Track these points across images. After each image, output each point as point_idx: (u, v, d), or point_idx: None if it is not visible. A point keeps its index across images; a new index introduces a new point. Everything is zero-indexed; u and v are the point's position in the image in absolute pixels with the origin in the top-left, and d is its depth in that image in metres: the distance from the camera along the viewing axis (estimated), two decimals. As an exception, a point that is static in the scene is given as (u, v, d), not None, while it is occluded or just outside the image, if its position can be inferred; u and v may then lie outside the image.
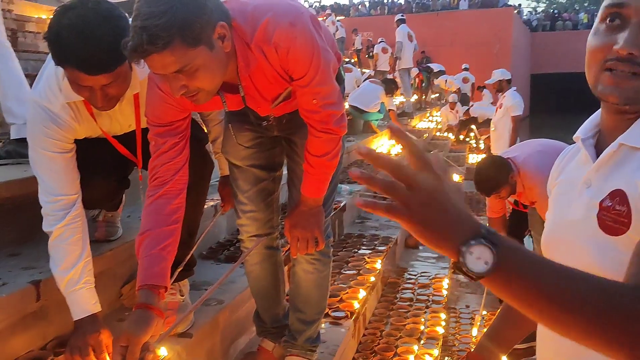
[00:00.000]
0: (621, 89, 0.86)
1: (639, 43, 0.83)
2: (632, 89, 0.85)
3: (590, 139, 0.99)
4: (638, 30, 0.83)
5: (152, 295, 1.43)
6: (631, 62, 0.84)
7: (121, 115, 1.65)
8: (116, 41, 1.27)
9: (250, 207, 1.72)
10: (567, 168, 1.07)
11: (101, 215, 1.93)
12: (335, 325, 2.24)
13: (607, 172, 0.92)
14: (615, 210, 0.88)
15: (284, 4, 1.37)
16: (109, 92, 1.42)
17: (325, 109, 1.47)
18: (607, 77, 0.87)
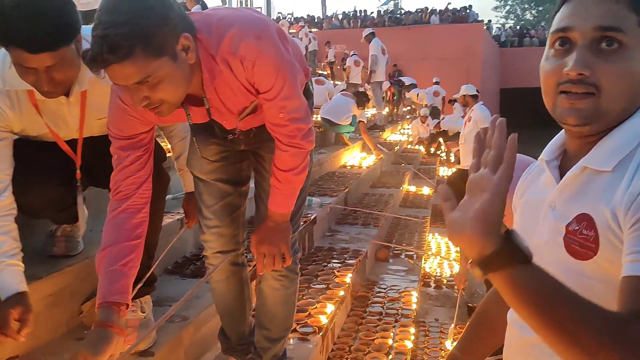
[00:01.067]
0: (578, 109, 0.87)
1: (587, 63, 0.84)
2: (588, 108, 0.86)
3: (554, 160, 0.99)
4: (584, 51, 0.85)
5: (112, 312, 1.38)
6: (583, 83, 0.85)
7: (69, 115, 1.62)
8: (60, 19, 1.28)
9: (215, 222, 1.69)
10: (531, 188, 1.07)
11: (60, 230, 1.86)
12: (303, 341, 2.21)
13: (572, 195, 0.92)
14: (582, 235, 0.88)
15: (249, 17, 1.35)
16: (54, 77, 1.40)
17: (293, 123, 1.45)
18: (562, 99, 0.88)
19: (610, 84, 0.84)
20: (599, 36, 0.84)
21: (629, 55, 0.84)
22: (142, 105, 1.24)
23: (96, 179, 1.80)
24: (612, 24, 0.83)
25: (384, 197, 5.37)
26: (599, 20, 0.84)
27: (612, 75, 0.84)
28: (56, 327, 1.76)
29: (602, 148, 0.89)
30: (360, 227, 4.21)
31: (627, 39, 0.83)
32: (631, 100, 0.87)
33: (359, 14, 27.11)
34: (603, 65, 0.84)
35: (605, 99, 0.85)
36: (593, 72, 0.84)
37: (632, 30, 0.84)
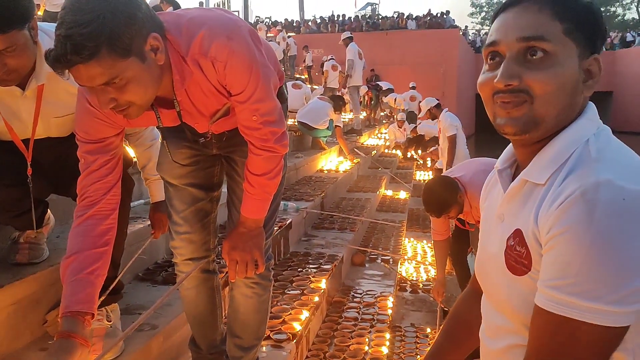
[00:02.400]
0: (514, 118, 0.87)
1: (514, 74, 0.85)
2: (523, 116, 0.87)
3: (507, 169, 0.99)
4: (511, 62, 0.86)
5: (77, 322, 1.32)
6: (512, 92, 0.86)
7: (23, 110, 1.57)
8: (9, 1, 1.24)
9: (185, 228, 1.64)
10: (490, 196, 1.07)
11: (23, 236, 1.79)
12: (277, 349, 2.17)
13: (515, 208, 0.91)
14: (517, 251, 0.88)
15: (221, 17, 1.32)
16: (6, 62, 1.36)
17: (266, 126, 1.42)
18: (499, 110, 0.89)
19: (541, 89, 0.84)
20: (524, 47, 0.85)
21: (556, 62, 0.84)
22: (110, 108, 1.19)
23: (59, 186, 1.73)
24: (534, 34, 0.84)
25: (361, 201, 5.36)
26: (521, 32, 0.85)
27: (541, 81, 0.84)
28: (19, 338, 1.69)
29: (538, 160, 0.89)
30: (336, 232, 4.19)
31: (552, 47, 0.84)
32: (566, 106, 0.87)
33: (337, 19, 27.19)
34: (531, 73, 0.85)
35: (538, 104, 0.85)
36: (521, 80, 0.85)
37: (557, 37, 0.85)
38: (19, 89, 1.53)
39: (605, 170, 0.78)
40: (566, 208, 0.77)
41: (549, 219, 0.79)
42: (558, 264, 0.77)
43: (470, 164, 3.12)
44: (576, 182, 0.78)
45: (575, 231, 0.75)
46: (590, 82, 0.88)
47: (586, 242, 0.74)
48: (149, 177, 1.99)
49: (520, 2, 0.88)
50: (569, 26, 0.85)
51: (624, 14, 45.43)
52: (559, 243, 0.77)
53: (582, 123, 0.88)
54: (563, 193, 0.79)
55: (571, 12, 0.86)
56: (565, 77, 0.85)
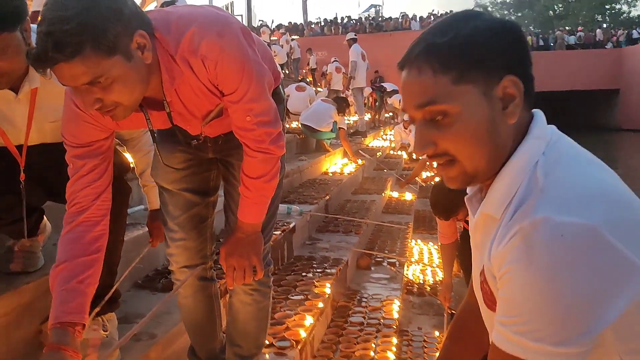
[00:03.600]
0: (451, 177, 0.86)
1: (427, 141, 0.84)
2: (457, 175, 0.85)
3: (477, 194, 0.95)
4: (422, 129, 0.84)
5: (67, 334, 1.28)
6: (435, 157, 0.85)
7: (17, 115, 1.54)
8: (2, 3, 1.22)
9: (181, 235, 1.59)
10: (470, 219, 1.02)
11: (18, 244, 1.75)
12: (280, 356, 2.11)
13: (481, 242, 0.89)
14: (484, 288, 0.87)
15: (211, 14, 1.27)
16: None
17: (260, 127, 1.37)
18: (438, 170, 0.92)
19: (457, 150, 0.82)
20: (425, 112, 0.83)
21: (459, 117, 0.81)
22: (95, 109, 1.15)
23: (54, 192, 1.69)
24: (425, 100, 0.82)
25: (366, 203, 5.30)
26: (414, 100, 0.83)
27: (452, 142, 0.82)
28: (12, 349, 1.64)
29: (491, 194, 0.85)
30: (341, 235, 4.13)
31: (446, 106, 0.81)
32: (492, 149, 0.83)
33: (340, 21, 27.18)
34: (441, 135, 0.82)
35: (464, 162, 0.83)
36: (437, 144, 0.83)
37: (448, 92, 0.80)
38: (12, 93, 1.50)
39: (546, 204, 0.75)
40: (509, 247, 0.76)
41: (498, 257, 0.78)
42: (505, 302, 0.77)
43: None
44: (520, 219, 0.77)
45: (517, 271, 0.74)
46: (511, 107, 0.82)
47: (527, 283, 0.73)
48: (147, 184, 1.95)
49: (404, 67, 0.85)
50: (457, 73, 0.80)
51: (629, 11, 45.21)
52: (505, 282, 0.77)
53: (526, 146, 0.83)
54: (510, 231, 0.77)
55: (450, 59, 0.80)
56: (474, 127, 0.81)
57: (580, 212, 0.73)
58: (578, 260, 0.71)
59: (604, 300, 0.72)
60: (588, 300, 0.71)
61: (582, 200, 0.75)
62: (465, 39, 0.81)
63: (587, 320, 0.72)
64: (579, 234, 0.71)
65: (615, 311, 0.72)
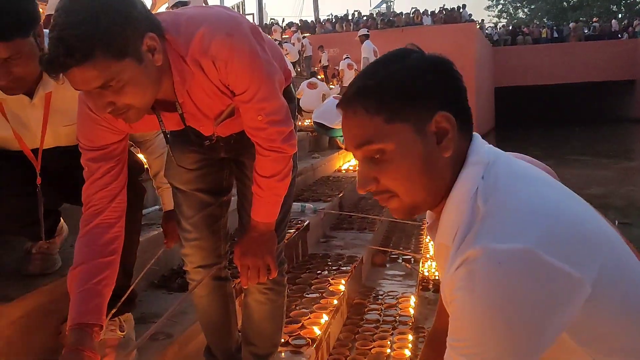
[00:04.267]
0: (394, 209, 0.90)
1: (369, 179, 0.88)
2: (399, 207, 0.89)
3: (436, 222, 0.96)
4: (363, 166, 0.88)
5: (85, 335, 1.30)
6: (378, 194, 0.89)
7: (32, 119, 1.55)
8: (12, 9, 1.23)
9: (195, 235, 1.60)
10: None
11: (36, 247, 1.77)
12: (296, 354, 2.12)
13: (441, 269, 0.92)
14: None
15: (220, 14, 1.27)
16: (12, 71, 1.35)
17: (272, 126, 1.37)
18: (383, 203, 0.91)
19: (395, 186, 0.86)
20: (364, 151, 0.87)
21: (394, 156, 0.85)
22: (108, 112, 1.16)
23: (69, 195, 1.71)
24: (362, 141, 0.86)
25: (380, 200, 5.28)
26: (352, 140, 0.88)
27: (391, 179, 0.86)
28: (32, 350, 1.66)
29: (442, 223, 0.89)
30: (355, 232, 4.13)
31: (383, 145, 0.84)
32: (431, 181, 0.86)
33: (352, 17, 27.10)
34: (381, 173, 0.87)
35: (403, 197, 0.87)
36: (379, 182, 0.87)
37: (383, 131, 0.84)
38: (27, 98, 1.52)
39: (485, 233, 0.79)
40: (456, 276, 0.80)
41: (447, 284, 0.82)
42: (453, 326, 0.81)
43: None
44: (464, 249, 0.80)
45: (462, 299, 0.78)
46: (445, 140, 0.86)
47: (471, 309, 0.77)
48: (160, 186, 1.96)
49: (342, 108, 0.88)
50: (388, 114, 0.84)
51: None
52: (453, 308, 0.81)
53: (465, 174, 0.86)
54: (456, 260, 0.80)
55: (381, 100, 0.84)
56: (409, 163, 0.84)
57: (515, 237, 0.76)
58: (517, 284, 0.75)
59: (546, 318, 0.76)
60: (530, 320, 0.76)
61: (517, 224, 0.78)
62: (395, 79, 0.85)
63: (530, 340, 0.76)
64: (515, 259, 0.75)
65: (559, 325, 0.77)
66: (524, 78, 24.34)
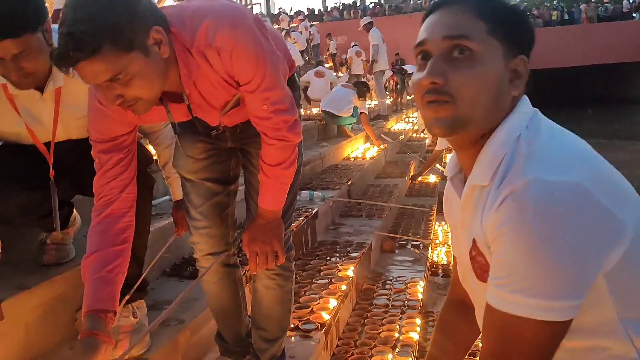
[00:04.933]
0: (440, 118, 0.87)
1: (439, 72, 0.86)
2: (448, 116, 0.87)
3: (458, 174, 0.99)
4: (438, 60, 0.87)
5: (99, 320, 1.34)
6: (437, 92, 0.86)
7: (43, 113, 1.59)
8: (21, 5, 1.26)
9: (204, 223, 1.64)
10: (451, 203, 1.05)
11: (50, 237, 1.82)
12: (305, 339, 2.16)
13: (471, 215, 0.91)
14: (478, 261, 0.89)
15: (224, 6, 1.30)
16: (23, 66, 1.38)
17: (277, 115, 1.40)
18: (428, 110, 0.89)
19: (463, 90, 0.85)
20: (450, 45, 0.86)
21: (479, 61, 0.85)
22: (117, 104, 1.20)
23: (81, 187, 1.75)
24: (458, 33, 0.86)
25: (389, 187, 5.30)
26: (447, 31, 0.87)
27: (463, 81, 0.85)
28: (49, 337, 1.72)
29: (478, 163, 0.89)
30: (364, 219, 4.15)
31: (476, 46, 0.85)
32: (492, 106, 0.87)
33: (359, 5, 26.93)
34: (455, 72, 0.85)
35: (461, 106, 0.86)
36: (446, 79, 0.86)
37: (482, 37, 0.86)
38: (37, 92, 1.55)
39: (533, 167, 0.79)
40: (502, 210, 0.79)
41: (490, 222, 0.81)
42: (500, 263, 0.80)
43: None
44: (509, 183, 0.80)
45: (511, 231, 0.77)
46: (517, 82, 0.89)
47: (521, 241, 0.76)
48: (169, 176, 2.00)
49: (446, 4, 0.89)
50: (493, 26, 0.86)
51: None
52: (499, 243, 0.79)
53: (512, 118, 0.88)
54: (500, 195, 0.80)
55: (494, 13, 0.87)
56: (488, 77, 0.86)
57: (566, 172, 0.77)
58: (570, 215, 0.75)
59: (594, 254, 0.76)
60: (581, 253, 0.75)
61: (566, 162, 0.80)
62: (510, 6, 0.90)
63: (580, 272, 0.76)
64: (568, 191, 0.75)
65: (606, 261, 0.77)
66: (536, 62, 23.45)
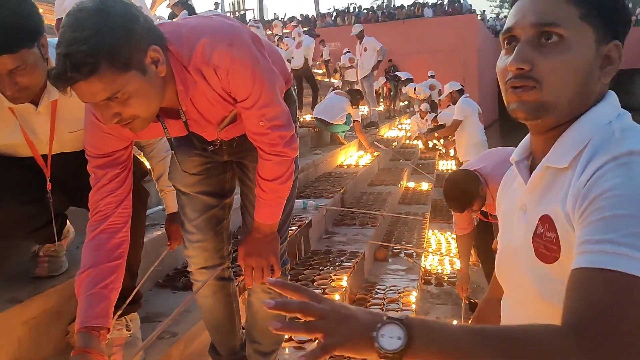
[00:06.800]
0: (524, 103, 0.86)
1: (526, 58, 0.85)
2: (533, 101, 0.86)
3: (524, 160, 0.98)
4: (525, 46, 0.86)
5: (92, 337, 1.33)
6: (523, 77, 0.85)
7: (38, 126, 1.59)
8: (18, 21, 1.26)
9: (198, 237, 1.64)
10: (509, 190, 1.05)
11: (42, 250, 1.81)
12: (299, 350, 2.16)
13: (539, 196, 0.90)
14: (547, 238, 0.86)
15: (221, 24, 1.30)
16: (18, 81, 1.38)
17: (274, 131, 1.40)
18: (511, 95, 0.88)
19: (550, 77, 0.84)
20: (539, 32, 0.85)
21: (569, 47, 0.84)
22: (114, 122, 1.19)
23: (75, 199, 1.74)
24: (548, 20, 0.84)
25: (382, 195, 5.32)
26: (536, 17, 0.85)
27: (551, 67, 0.84)
28: (42, 351, 1.70)
29: (559, 145, 0.88)
30: (357, 228, 4.16)
31: (566, 32, 0.84)
32: (579, 93, 0.86)
33: (352, 11, 27.03)
34: (542, 58, 0.84)
35: (547, 92, 0.85)
36: (533, 65, 0.85)
37: (573, 23, 0.84)
38: (32, 106, 1.55)
39: (634, 143, 0.78)
40: (602, 175, 0.76)
41: (581, 193, 0.78)
42: (604, 220, 0.73)
43: (490, 154, 3.06)
44: (606, 154, 0.78)
45: (618, 190, 0.73)
46: (608, 68, 0.87)
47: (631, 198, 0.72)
48: (163, 189, 1.99)
49: None
50: (586, 11, 0.84)
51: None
52: (601, 203, 0.74)
53: (602, 107, 0.87)
54: (593, 166, 0.78)
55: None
56: (578, 64, 0.84)
57: None
58: None
59: None
60: None
61: None
62: None
63: None
64: None
65: None
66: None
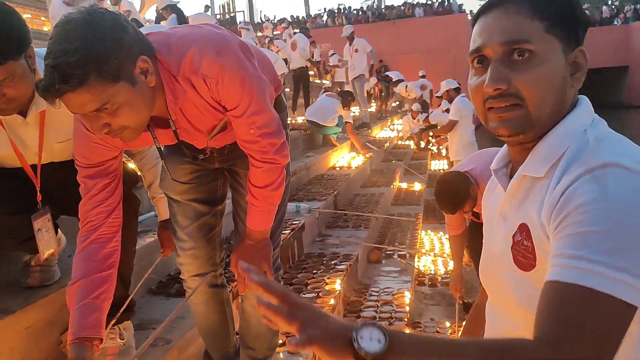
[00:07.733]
0: (507, 120, 0.87)
1: (502, 77, 0.85)
2: (515, 119, 0.87)
3: (503, 168, 0.99)
4: (498, 65, 0.86)
5: (85, 349, 1.34)
6: (503, 96, 0.86)
7: (26, 137, 1.58)
8: (4, 33, 1.26)
9: (190, 244, 1.64)
10: (491, 196, 1.07)
11: (34, 259, 1.80)
12: (293, 355, 2.16)
13: (517, 204, 0.91)
14: (524, 246, 0.87)
15: (209, 33, 1.31)
16: (5, 93, 1.38)
17: (264, 139, 1.41)
18: (491, 114, 0.89)
19: (530, 91, 0.85)
20: (509, 49, 0.86)
21: (541, 60, 0.85)
22: (104, 133, 1.19)
23: (65, 208, 1.74)
24: (517, 37, 0.85)
25: (375, 196, 5.32)
26: (505, 36, 0.86)
27: (529, 83, 0.85)
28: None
29: (535, 154, 0.89)
30: (350, 230, 4.17)
31: (535, 47, 0.85)
32: (557, 103, 0.87)
33: (343, 11, 27.06)
34: (519, 75, 0.85)
35: (531, 107, 0.85)
36: (510, 84, 0.85)
37: (540, 37, 0.85)
38: (20, 117, 1.54)
39: (608, 154, 0.79)
40: (576, 188, 0.77)
41: (556, 205, 0.79)
42: (577, 235, 0.74)
43: (480, 155, 3.07)
44: (580, 166, 0.79)
45: (592, 205, 0.74)
46: (578, 75, 0.89)
47: (604, 214, 0.73)
48: (155, 196, 1.99)
49: (498, 5, 0.88)
50: (550, 23, 0.86)
51: (635, -13, 44.42)
52: (575, 218, 0.75)
53: (576, 115, 0.89)
54: (568, 178, 0.79)
55: (550, 9, 0.86)
56: (552, 75, 0.86)
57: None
58: None
59: None
60: None
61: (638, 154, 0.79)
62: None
63: None
64: None
65: None
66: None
